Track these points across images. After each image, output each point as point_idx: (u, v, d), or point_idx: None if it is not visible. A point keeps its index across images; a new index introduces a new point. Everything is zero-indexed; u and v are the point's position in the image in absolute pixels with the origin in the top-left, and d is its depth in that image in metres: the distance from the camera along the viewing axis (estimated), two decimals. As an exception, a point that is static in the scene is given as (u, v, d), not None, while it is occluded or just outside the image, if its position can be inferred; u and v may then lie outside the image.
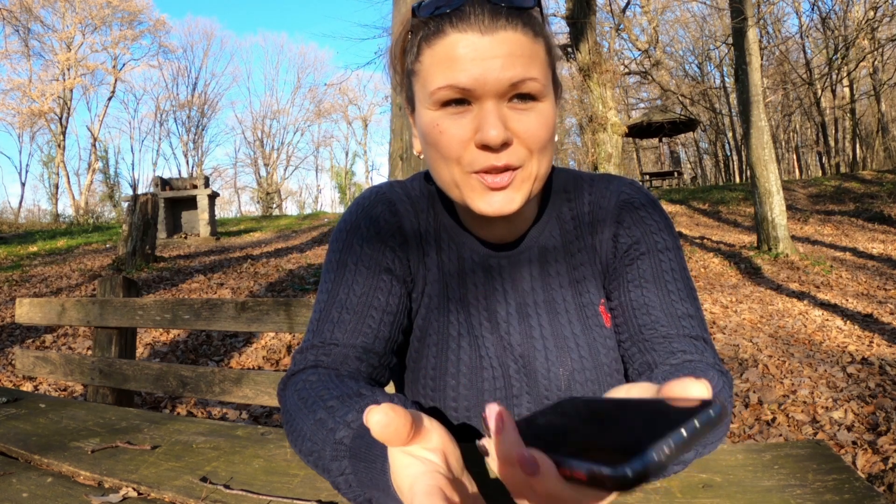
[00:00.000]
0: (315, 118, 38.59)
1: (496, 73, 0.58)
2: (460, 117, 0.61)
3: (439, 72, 0.60)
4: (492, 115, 0.59)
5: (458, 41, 0.59)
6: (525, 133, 0.61)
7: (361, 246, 0.74)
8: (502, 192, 0.62)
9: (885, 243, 8.12)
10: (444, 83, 0.60)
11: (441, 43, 0.60)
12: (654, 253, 0.72)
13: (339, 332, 0.69)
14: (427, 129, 0.63)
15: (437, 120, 0.62)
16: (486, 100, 0.59)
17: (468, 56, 0.58)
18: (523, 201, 0.64)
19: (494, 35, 0.59)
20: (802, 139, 29.25)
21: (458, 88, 0.59)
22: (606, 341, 0.73)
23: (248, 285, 6.21)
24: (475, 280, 0.75)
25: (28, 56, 27.40)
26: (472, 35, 0.59)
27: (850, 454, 2.42)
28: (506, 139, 0.59)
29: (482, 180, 0.62)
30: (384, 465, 0.46)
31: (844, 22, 20.51)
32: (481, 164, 0.61)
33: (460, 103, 0.61)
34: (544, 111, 0.62)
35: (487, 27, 0.59)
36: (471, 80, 0.59)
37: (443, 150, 0.62)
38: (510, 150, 0.61)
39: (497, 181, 0.61)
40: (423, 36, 0.62)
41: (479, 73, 0.58)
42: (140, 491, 0.73)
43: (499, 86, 0.59)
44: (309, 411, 0.58)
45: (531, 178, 0.64)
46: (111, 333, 2.00)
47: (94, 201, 27.76)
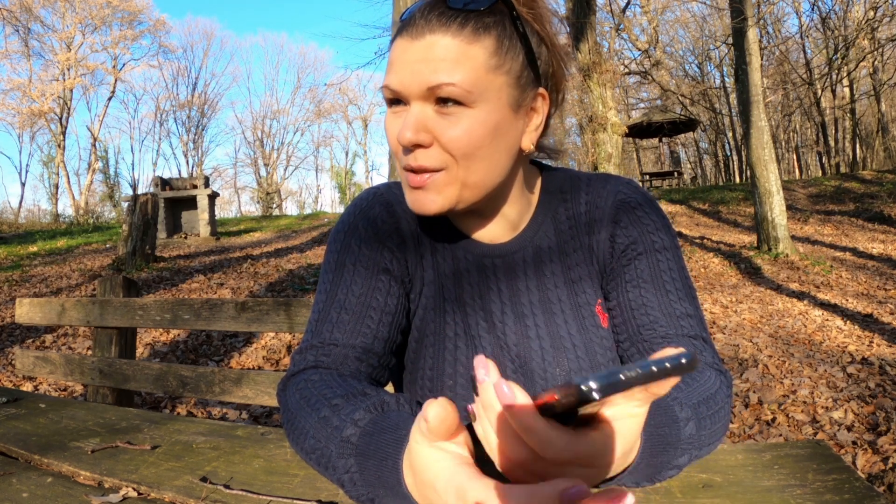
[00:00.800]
0: (315, 118, 38.61)
1: (417, 76, 0.60)
2: (398, 117, 0.64)
3: (386, 73, 0.65)
4: (410, 116, 0.62)
5: (397, 46, 0.63)
6: (443, 138, 0.62)
7: (359, 246, 0.74)
8: (421, 191, 0.65)
9: (885, 243, 8.12)
10: (383, 84, 0.64)
11: (393, 46, 0.64)
12: (651, 253, 0.72)
13: (338, 333, 0.69)
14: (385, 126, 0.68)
15: (386, 118, 0.67)
16: (412, 101, 0.62)
17: (398, 59, 0.62)
18: (447, 205, 0.65)
19: (422, 39, 0.61)
20: (802, 139, 29.25)
21: (389, 90, 0.63)
22: (603, 341, 0.73)
23: (248, 285, 6.21)
24: (470, 281, 0.75)
25: (28, 56, 27.44)
26: (406, 40, 0.62)
27: (850, 454, 2.42)
28: (417, 141, 0.61)
29: (408, 178, 0.65)
30: (396, 463, 0.46)
31: (844, 22, 20.52)
32: (403, 162, 0.65)
33: (398, 104, 0.64)
34: (475, 117, 0.61)
35: (419, 32, 0.61)
36: (396, 82, 0.62)
37: (390, 143, 0.67)
38: (427, 152, 0.62)
39: (414, 180, 0.64)
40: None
41: (402, 77, 0.61)
42: (140, 491, 0.73)
43: (418, 89, 0.61)
44: (312, 409, 0.58)
45: (456, 183, 0.64)
46: (111, 333, 2.00)
47: (94, 201, 27.78)
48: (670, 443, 0.51)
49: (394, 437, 0.48)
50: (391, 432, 0.49)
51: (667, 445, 0.51)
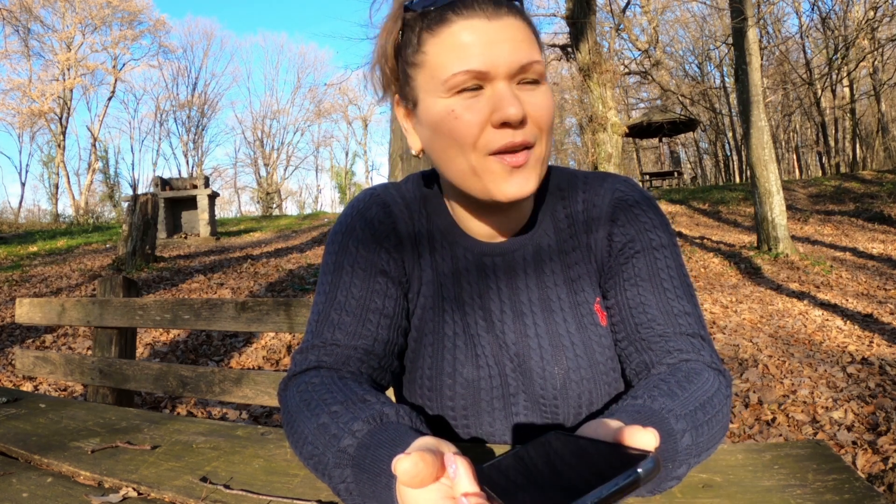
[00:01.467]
0: (315, 118, 38.60)
1: (506, 55, 0.60)
2: (475, 102, 0.62)
3: (451, 59, 0.61)
4: (508, 93, 0.60)
5: (466, 28, 0.60)
6: (536, 111, 0.62)
7: (357, 248, 0.74)
8: (520, 172, 0.63)
9: (885, 243, 8.12)
10: (458, 69, 0.60)
11: (447, 31, 0.61)
12: (649, 251, 0.72)
13: (339, 334, 0.69)
14: (440, 117, 0.63)
15: (452, 106, 0.62)
16: (498, 81, 0.61)
17: (478, 41, 0.60)
18: (537, 183, 0.65)
19: (500, 20, 0.61)
20: (802, 139, 29.24)
21: (472, 72, 0.60)
22: (602, 340, 0.73)
23: (248, 285, 6.21)
24: (469, 280, 0.75)
25: (28, 56, 27.42)
26: (479, 21, 0.60)
27: (850, 454, 2.42)
28: (524, 115, 0.61)
29: (501, 161, 0.63)
30: (389, 482, 0.47)
31: (844, 22, 20.51)
32: (500, 142, 0.62)
33: (473, 89, 0.62)
34: (546, 93, 0.64)
35: (493, 13, 0.61)
36: (484, 63, 0.60)
37: (459, 135, 0.62)
38: (525, 127, 0.62)
39: (516, 159, 0.62)
40: (423, 27, 0.63)
41: (491, 57, 0.60)
42: (140, 491, 0.73)
43: (510, 68, 0.60)
44: (312, 414, 0.58)
45: (541, 160, 0.65)
46: (111, 333, 2.00)
47: (94, 201, 27.77)
48: (667, 457, 0.51)
49: (389, 454, 0.48)
50: (387, 447, 0.49)
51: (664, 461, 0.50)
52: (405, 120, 0.72)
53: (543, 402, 0.72)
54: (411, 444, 0.47)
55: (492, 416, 0.73)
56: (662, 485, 0.52)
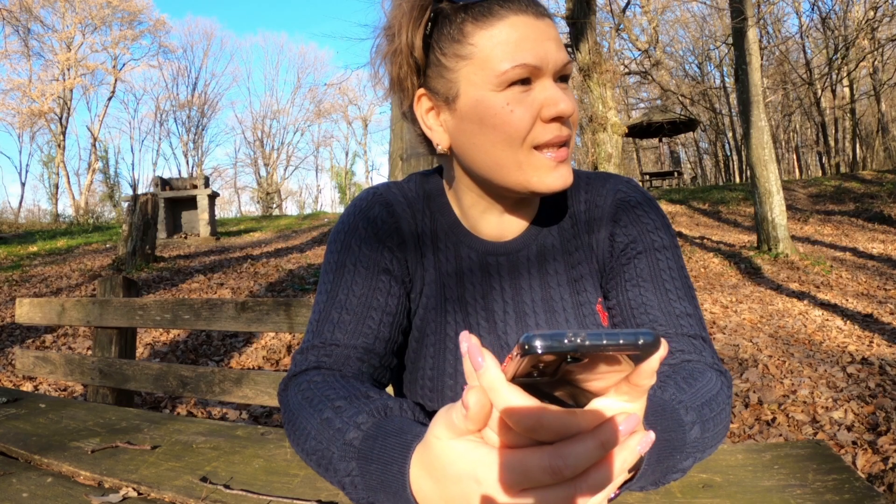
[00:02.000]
0: (315, 118, 38.60)
1: (554, 53, 0.62)
2: (526, 96, 0.63)
3: (505, 52, 0.62)
4: (556, 90, 0.63)
5: (518, 23, 0.62)
6: (572, 110, 0.64)
7: (360, 247, 0.74)
8: (563, 166, 0.66)
9: (885, 243, 8.12)
10: (515, 62, 0.61)
11: (498, 23, 0.62)
12: (650, 252, 0.72)
13: (339, 333, 0.69)
14: (492, 110, 0.63)
15: (507, 99, 0.63)
16: (545, 78, 0.63)
17: (531, 36, 0.62)
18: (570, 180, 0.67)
19: (544, 20, 0.63)
20: (802, 139, 29.24)
21: (529, 67, 0.61)
22: None
23: (248, 285, 6.21)
24: (472, 279, 0.75)
25: (28, 56, 27.42)
26: (529, 17, 0.62)
27: (850, 454, 2.42)
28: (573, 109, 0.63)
29: (545, 155, 0.65)
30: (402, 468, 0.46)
31: (844, 22, 20.51)
32: (548, 136, 0.63)
33: (525, 83, 0.63)
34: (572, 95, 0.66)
35: (537, 12, 0.63)
36: (536, 58, 0.61)
37: (513, 128, 0.63)
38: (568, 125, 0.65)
39: (560, 154, 0.65)
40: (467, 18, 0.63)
41: (543, 53, 0.62)
42: (140, 491, 0.73)
43: (556, 66, 0.63)
44: (315, 411, 0.58)
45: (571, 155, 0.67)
46: (111, 333, 2.00)
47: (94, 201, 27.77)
48: (676, 447, 0.51)
49: (399, 442, 0.48)
50: (396, 436, 0.49)
51: (673, 450, 0.51)
52: (428, 115, 0.69)
53: None
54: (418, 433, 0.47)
55: None
56: (667, 476, 0.52)
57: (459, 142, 0.67)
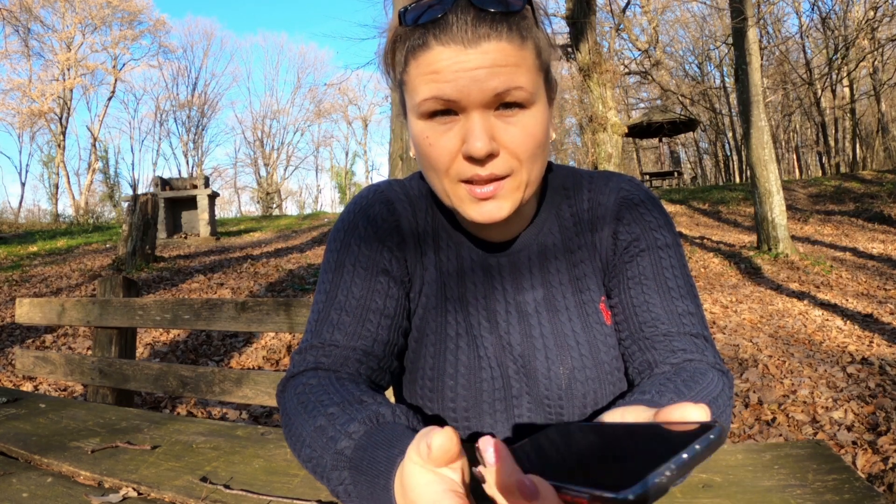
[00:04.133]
0: (315, 118, 38.62)
1: (480, 84, 0.58)
2: (448, 129, 0.61)
3: (424, 84, 0.60)
4: (477, 126, 0.59)
5: (442, 54, 0.58)
6: (511, 143, 0.61)
7: (359, 246, 0.74)
8: (490, 202, 0.63)
9: (885, 243, 8.12)
10: (429, 95, 0.59)
11: (424, 56, 0.59)
12: (653, 250, 0.72)
13: (338, 334, 0.69)
14: (417, 139, 0.64)
15: (426, 131, 0.62)
16: (471, 111, 0.59)
17: (452, 67, 0.58)
18: (513, 208, 0.64)
19: (478, 47, 0.57)
20: (802, 139, 29.24)
21: (442, 100, 0.59)
22: (607, 339, 0.73)
23: (248, 285, 6.21)
24: (474, 279, 0.75)
25: (28, 56, 27.43)
26: (456, 48, 0.58)
27: (850, 454, 2.42)
28: (491, 150, 0.59)
29: (469, 191, 0.63)
30: (387, 483, 0.46)
31: (844, 22, 20.51)
32: (467, 174, 0.62)
33: (447, 114, 0.61)
34: (534, 117, 0.62)
35: (471, 39, 0.57)
36: (455, 91, 0.58)
37: (432, 161, 0.63)
38: (496, 160, 0.61)
39: (483, 192, 0.62)
40: (409, 47, 0.61)
41: (463, 85, 0.58)
42: (140, 491, 0.73)
43: (483, 97, 0.58)
44: (309, 416, 0.58)
45: (521, 186, 0.64)
46: (111, 333, 2.00)
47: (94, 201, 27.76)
48: None
49: (386, 456, 0.48)
50: (384, 449, 0.49)
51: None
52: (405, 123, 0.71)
53: (548, 403, 0.72)
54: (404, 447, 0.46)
55: (493, 418, 0.73)
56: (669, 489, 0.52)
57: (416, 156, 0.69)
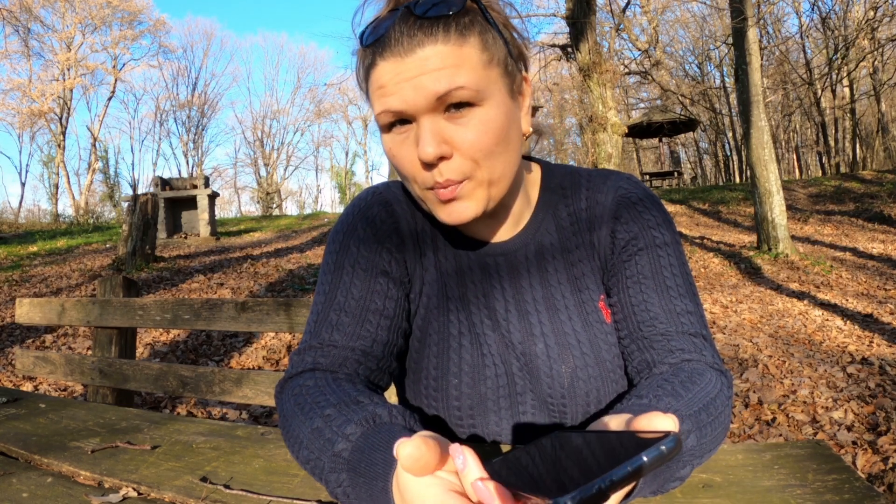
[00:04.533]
0: (315, 118, 38.60)
1: (420, 90, 0.59)
2: (405, 138, 0.62)
3: (375, 100, 0.62)
4: (425, 132, 0.60)
5: (384, 69, 0.60)
6: (464, 144, 0.61)
7: (358, 248, 0.74)
8: (455, 203, 0.63)
9: (885, 243, 8.12)
10: (379, 109, 0.62)
11: (374, 74, 0.62)
12: (651, 248, 0.71)
13: (337, 335, 0.69)
14: (386, 152, 0.66)
15: (389, 143, 0.64)
16: (420, 117, 0.60)
17: (392, 81, 0.60)
18: (480, 207, 0.64)
19: (413, 55, 0.59)
20: (802, 139, 29.24)
21: (391, 112, 0.61)
22: (607, 337, 0.73)
23: (248, 285, 6.21)
24: (473, 278, 0.75)
25: (28, 56, 27.42)
26: (394, 60, 0.59)
27: (850, 454, 2.42)
28: (439, 153, 0.60)
29: (435, 194, 0.64)
30: (385, 485, 0.46)
31: (844, 22, 20.51)
32: (428, 182, 0.63)
33: (403, 123, 0.62)
34: (486, 114, 0.61)
35: (406, 49, 0.59)
36: (399, 102, 0.60)
37: (401, 170, 0.65)
38: (449, 163, 0.61)
39: (444, 194, 0.63)
40: (365, 68, 0.64)
41: (405, 94, 0.59)
42: (140, 491, 0.73)
43: (427, 101, 0.59)
44: (306, 418, 0.57)
45: (484, 185, 0.63)
46: (111, 333, 2.00)
47: (94, 201, 27.76)
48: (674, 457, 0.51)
49: (383, 458, 0.48)
50: (382, 451, 0.49)
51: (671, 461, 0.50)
52: None
53: (551, 402, 0.72)
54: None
55: (498, 416, 0.73)
56: (666, 485, 0.52)
57: None
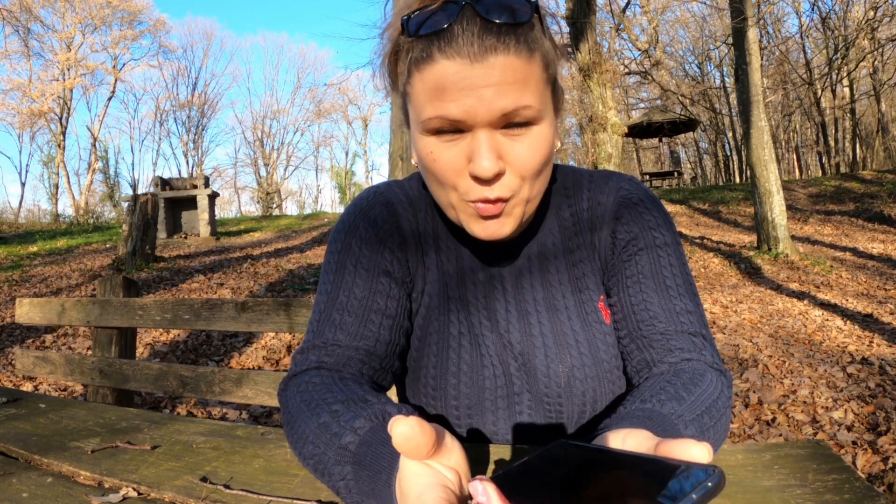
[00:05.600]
0: (315, 118, 38.62)
1: (487, 103, 0.56)
2: (453, 145, 0.60)
3: (429, 101, 0.58)
4: (483, 146, 0.57)
5: (447, 69, 0.56)
6: (517, 162, 0.60)
7: (360, 248, 0.74)
8: (494, 220, 0.63)
9: (885, 243, 8.12)
10: (433, 114, 0.58)
11: (430, 70, 0.57)
12: (652, 249, 0.72)
13: (341, 334, 0.69)
14: (421, 154, 0.63)
15: (431, 147, 0.61)
16: (478, 129, 0.58)
17: (457, 86, 0.56)
18: (516, 226, 0.64)
19: (485, 62, 0.55)
20: (802, 139, 29.25)
21: (448, 120, 0.57)
22: (606, 338, 0.73)
23: (248, 285, 6.21)
24: (474, 279, 0.75)
25: (28, 56, 27.42)
26: (461, 62, 0.55)
27: (850, 454, 2.42)
28: (498, 171, 0.58)
29: (476, 208, 0.62)
30: (389, 478, 0.46)
31: (844, 22, 20.51)
32: (475, 195, 0.61)
33: (454, 132, 0.59)
34: (540, 134, 0.60)
35: (477, 53, 0.55)
36: (461, 111, 0.56)
37: (437, 176, 0.62)
38: (502, 180, 0.60)
39: (488, 209, 0.61)
40: (412, 59, 0.59)
41: (469, 105, 0.56)
42: (140, 491, 0.73)
43: (490, 116, 0.56)
44: (312, 414, 0.57)
45: (523, 203, 0.63)
46: (111, 333, 2.00)
47: (94, 201, 27.76)
48: None
49: (390, 452, 0.48)
50: (389, 445, 0.49)
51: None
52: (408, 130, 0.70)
53: (548, 401, 0.72)
54: None
55: (495, 416, 0.73)
56: None
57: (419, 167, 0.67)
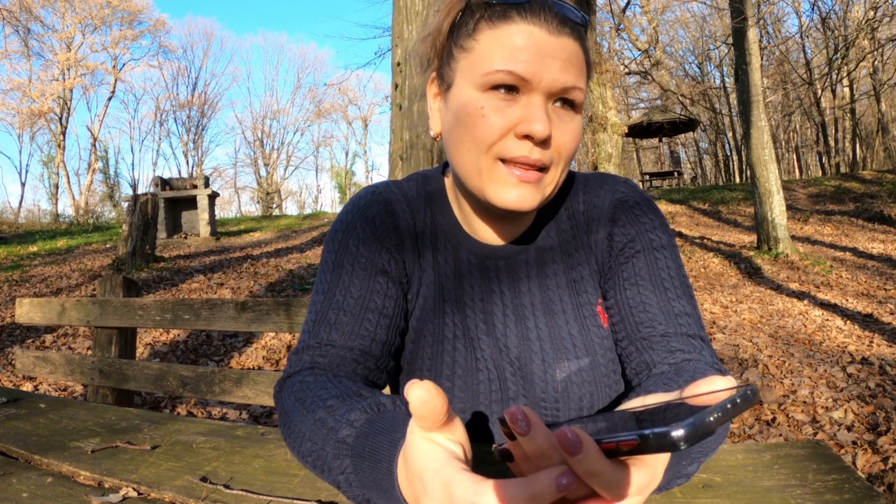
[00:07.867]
0: (315, 118, 38.62)
1: (554, 72, 0.60)
2: (506, 105, 0.61)
3: (499, 54, 0.61)
4: (541, 109, 0.60)
5: (526, 31, 0.60)
6: (563, 137, 0.63)
7: (357, 247, 0.73)
8: (525, 187, 0.63)
9: (885, 243, 8.12)
10: (502, 67, 0.60)
11: (507, 27, 0.61)
12: (649, 251, 0.72)
13: (335, 334, 0.69)
14: (467, 108, 0.63)
15: (482, 101, 0.62)
16: (536, 94, 0.61)
17: (532, 49, 0.60)
18: (540, 203, 0.65)
19: (560, 38, 0.60)
20: (802, 139, 29.25)
21: (515, 75, 0.60)
22: (604, 341, 0.73)
23: (248, 285, 6.21)
24: (472, 282, 0.75)
25: (28, 56, 27.42)
26: (540, 30, 0.60)
27: (850, 454, 2.42)
28: (549, 134, 0.61)
29: (510, 170, 0.63)
30: (390, 466, 0.46)
31: (844, 22, 20.50)
32: (517, 152, 0.61)
33: (510, 91, 0.61)
34: (578, 123, 0.64)
35: (555, 29, 0.60)
36: (530, 72, 0.59)
37: (478, 132, 0.62)
38: (546, 149, 0.62)
39: (526, 175, 0.62)
40: (485, 15, 0.63)
41: (538, 69, 0.59)
42: (140, 491, 0.73)
43: (553, 85, 0.60)
44: (307, 412, 0.57)
45: (553, 183, 0.65)
46: (111, 333, 2.00)
47: (94, 201, 27.77)
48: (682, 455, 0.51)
49: (389, 440, 0.48)
50: (387, 434, 0.49)
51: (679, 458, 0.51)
52: (434, 100, 0.71)
53: (544, 406, 0.72)
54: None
55: (491, 419, 0.73)
56: (672, 482, 0.52)
57: (445, 132, 0.69)
